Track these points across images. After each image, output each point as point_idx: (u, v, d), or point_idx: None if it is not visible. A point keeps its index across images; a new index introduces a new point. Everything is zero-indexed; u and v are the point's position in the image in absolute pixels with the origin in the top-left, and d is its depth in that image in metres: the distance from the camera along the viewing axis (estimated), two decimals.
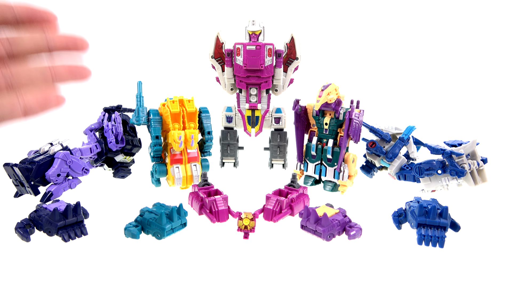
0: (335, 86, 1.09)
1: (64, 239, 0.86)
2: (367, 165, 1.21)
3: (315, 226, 0.87)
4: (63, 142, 1.05)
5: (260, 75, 1.14)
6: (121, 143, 1.17)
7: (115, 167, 1.22)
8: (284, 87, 1.20)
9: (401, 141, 1.10)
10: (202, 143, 1.19)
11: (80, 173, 1.05)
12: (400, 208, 0.96)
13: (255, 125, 1.23)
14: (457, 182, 1.04)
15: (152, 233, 0.87)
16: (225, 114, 1.23)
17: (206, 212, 0.96)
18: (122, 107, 1.23)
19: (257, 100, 1.20)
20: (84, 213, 0.93)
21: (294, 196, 0.99)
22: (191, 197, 1.02)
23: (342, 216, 0.91)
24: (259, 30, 1.12)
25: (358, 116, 1.07)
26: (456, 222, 0.90)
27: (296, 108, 1.15)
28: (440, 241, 0.85)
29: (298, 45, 1.15)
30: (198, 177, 1.14)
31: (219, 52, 1.16)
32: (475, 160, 1.05)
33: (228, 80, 1.19)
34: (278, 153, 1.25)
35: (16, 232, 0.87)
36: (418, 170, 1.05)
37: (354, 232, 0.88)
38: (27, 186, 0.99)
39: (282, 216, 0.96)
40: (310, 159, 1.16)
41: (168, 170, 1.13)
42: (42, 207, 0.91)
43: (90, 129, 1.16)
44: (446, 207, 0.89)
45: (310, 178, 1.18)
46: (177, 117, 1.11)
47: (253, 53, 1.11)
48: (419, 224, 0.87)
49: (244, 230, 0.89)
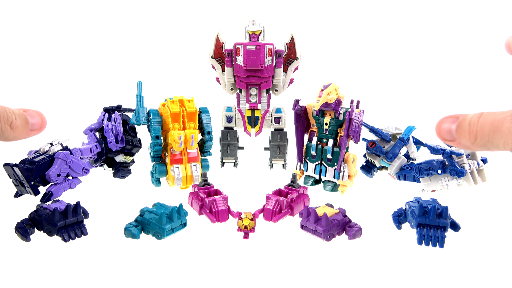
0: (335, 86, 1.09)
1: (64, 239, 0.86)
2: (367, 165, 1.20)
3: (315, 226, 0.87)
4: (63, 142, 1.05)
5: (260, 75, 1.14)
6: (121, 143, 1.17)
7: (115, 167, 1.22)
8: (284, 87, 1.20)
9: (401, 141, 1.10)
10: (202, 143, 1.19)
11: (80, 173, 1.05)
12: (400, 208, 0.96)
13: (255, 125, 1.23)
14: (457, 182, 1.04)
15: (152, 233, 0.87)
16: (225, 114, 1.23)
17: (206, 212, 0.96)
18: (122, 107, 1.23)
19: (257, 100, 1.20)
20: (84, 213, 0.93)
21: (294, 196, 0.99)
22: (191, 197, 1.02)
23: (342, 216, 0.91)
24: (259, 30, 1.12)
25: (358, 116, 1.07)
26: (456, 222, 0.90)
27: (296, 108, 1.15)
28: (440, 241, 0.85)
29: (298, 45, 1.15)
30: (198, 177, 1.14)
31: (219, 52, 1.16)
32: (475, 160, 1.05)
33: (228, 80, 1.19)
34: (278, 153, 1.25)
35: (16, 232, 0.87)
36: (418, 170, 1.05)
37: (354, 232, 0.88)
38: (27, 186, 0.99)
39: (282, 216, 0.96)
40: (310, 159, 1.16)
41: (168, 170, 1.13)
42: (42, 207, 0.91)
43: (90, 129, 1.15)
44: (446, 207, 0.89)
45: (310, 178, 1.18)
46: (177, 117, 1.11)
47: (253, 53, 1.11)
48: (419, 224, 0.87)
49: (244, 230, 0.89)
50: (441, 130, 0.52)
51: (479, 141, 0.48)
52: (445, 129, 0.52)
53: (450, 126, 0.51)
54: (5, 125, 0.52)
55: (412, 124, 1.13)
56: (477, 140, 0.48)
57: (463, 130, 0.50)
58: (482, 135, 0.48)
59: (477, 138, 0.48)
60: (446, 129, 0.52)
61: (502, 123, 0.46)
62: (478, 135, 0.48)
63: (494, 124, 0.47)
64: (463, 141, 0.50)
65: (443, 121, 0.52)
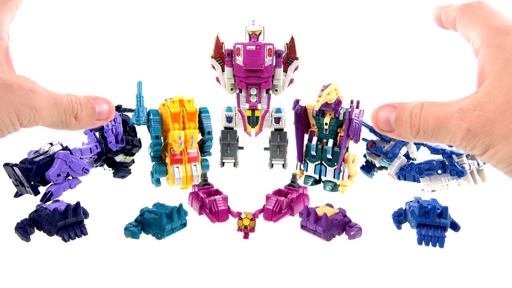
0: (335, 86, 1.09)
1: (64, 239, 0.86)
2: (367, 165, 1.20)
3: (315, 226, 0.87)
4: (63, 142, 1.05)
5: (260, 75, 1.14)
6: (121, 143, 1.17)
7: (115, 167, 1.22)
8: (284, 87, 1.20)
9: (401, 141, 1.10)
10: (202, 143, 1.19)
11: (80, 173, 1.05)
12: (400, 208, 0.96)
13: (255, 125, 1.23)
14: (457, 182, 1.04)
15: (152, 233, 0.87)
16: (225, 114, 1.23)
17: (206, 212, 0.96)
18: (122, 107, 1.23)
19: (257, 100, 1.20)
20: (84, 213, 0.93)
21: (294, 196, 0.99)
22: (191, 197, 1.02)
23: (342, 216, 0.91)
24: (259, 30, 1.12)
25: (358, 116, 1.07)
26: (456, 222, 0.90)
27: (296, 108, 1.15)
28: (440, 241, 0.85)
29: (298, 45, 1.15)
30: (198, 177, 1.14)
31: (219, 52, 1.16)
32: (475, 160, 1.05)
33: (228, 80, 1.19)
34: (278, 153, 1.25)
35: (16, 232, 0.87)
36: (418, 170, 1.05)
37: (354, 232, 0.88)
38: (27, 186, 0.99)
39: (282, 216, 0.96)
40: (310, 159, 1.16)
41: (168, 170, 1.13)
42: (42, 207, 0.91)
43: (90, 129, 1.15)
44: (446, 207, 0.89)
45: (310, 178, 1.18)
46: (177, 117, 1.11)
47: (253, 53, 1.11)
48: (419, 224, 0.87)
49: (244, 230, 0.89)
50: (378, 120, 0.49)
51: (422, 135, 0.46)
52: (382, 119, 0.48)
53: (388, 115, 0.48)
54: (70, 117, 0.50)
55: None
56: (420, 134, 0.46)
57: (404, 122, 0.47)
58: (426, 129, 0.45)
59: (420, 132, 0.46)
60: (383, 119, 0.48)
61: (448, 120, 0.44)
62: (421, 129, 0.46)
63: (439, 119, 0.44)
64: (403, 133, 0.47)
65: (379, 109, 0.49)
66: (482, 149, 0.43)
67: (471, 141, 0.43)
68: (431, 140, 0.46)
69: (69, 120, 0.50)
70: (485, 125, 0.42)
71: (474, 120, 0.42)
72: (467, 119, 0.43)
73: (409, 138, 0.48)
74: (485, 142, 0.42)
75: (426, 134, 0.46)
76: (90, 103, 0.52)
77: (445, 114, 0.44)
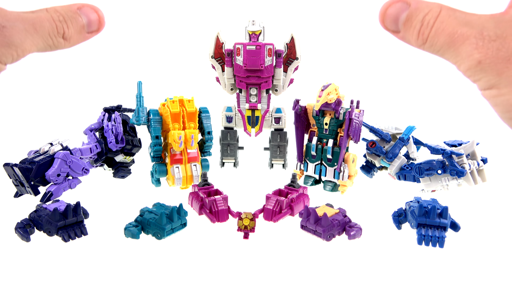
0: (335, 86, 1.09)
1: (64, 239, 0.86)
2: (367, 165, 1.20)
3: (315, 226, 0.87)
4: (63, 142, 1.05)
5: (260, 75, 1.14)
6: (121, 143, 1.17)
7: (115, 167, 1.22)
8: (284, 87, 1.20)
9: (401, 141, 1.10)
10: (202, 143, 1.19)
11: (80, 173, 1.05)
12: (400, 208, 0.96)
13: (255, 125, 1.23)
14: (457, 182, 1.04)
15: (152, 233, 0.87)
16: (225, 114, 1.23)
17: (206, 212, 0.96)
18: (122, 107, 1.23)
19: (257, 100, 1.20)
20: (84, 213, 0.93)
21: (294, 196, 0.99)
22: (191, 197, 1.02)
23: (342, 216, 0.91)
24: (259, 30, 1.12)
25: (358, 116, 1.07)
26: (456, 222, 0.90)
27: (296, 108, 1.15)
28: (440, 241, 0.85)
29: (298, 45, 1.15)
30: (198, 177, 1.14)
31: (219, 52, 1.16)
32: (475, 160, 1.05)
33: (228, 80, 1.19)
34: (278, 153, 1.25)
35: (16, 232, 0.87)
36: (418, 170, 1.05)
37: (354, 232, 0.88)
38: (27, 186, 0.99)
39: (282, 216, 0.96)
40: (310, 159, 1.16)
41: (168, 170, 1.13)
42: (42, 207, 0.91)
43: (90, 129, 1.16)
44: (446, 207, 0.89)
45: (310, 178, 1.18)
46: (177, 117, 1.11)
47: (253, 53, 1.11)
48: (419, 224, 0.87)
49: (244, 230, 0.89)
50: (386, 16, 0.44)
51: (428, 47, 0.42)
52: (391, 16, 0.43)
53: (398, 13, 0.43)
54: (57, 38, 0.45)
55: (412, 124, 1.13)
56: (426, 45, 0.42)
57: (413, 26, 0.42)
58: (434, 42, 0.41)
59: (427, 43, 0.41)
60: (392, 16, 0.43)
61: (462, 42, 0.38)
62: (429, 40, 0.41)
63: (452, 37, 0.39)
64: (408, 38, 0.43)
65: (389, 4, 0.43)
66: (485, 85, 0.40)
67: (477, 74, 0.39)
68: (435, 53, 0.42)
69: (57, 42, 0.46)
70: (499, 63, 0.38)
71: (489, 53, 0.38)
72: (482, 49, 0.38)
73: (413, 44, 0.43)
74: (491, 80, 0.39)
75: (433, 47, 0.42)
76: (75, 16, 0.47)
77: (460, 34, 0.39)
